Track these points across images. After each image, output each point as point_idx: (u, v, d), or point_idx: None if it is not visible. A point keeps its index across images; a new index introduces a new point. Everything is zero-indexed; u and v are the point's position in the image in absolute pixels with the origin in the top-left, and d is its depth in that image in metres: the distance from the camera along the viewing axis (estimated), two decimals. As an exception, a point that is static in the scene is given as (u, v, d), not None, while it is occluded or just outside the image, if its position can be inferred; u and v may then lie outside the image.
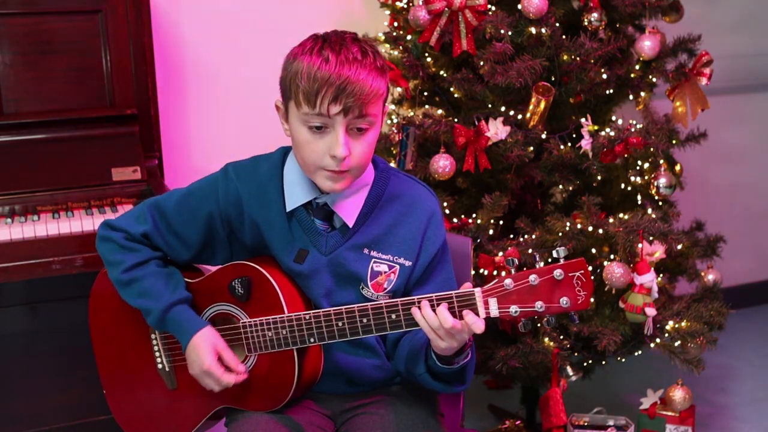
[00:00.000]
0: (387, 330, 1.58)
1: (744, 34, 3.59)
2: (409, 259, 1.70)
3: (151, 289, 1.69)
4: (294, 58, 1.59)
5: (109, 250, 1.74)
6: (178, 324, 1.68)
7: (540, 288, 1.50)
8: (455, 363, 1.60)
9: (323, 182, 1.62)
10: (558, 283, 1.50)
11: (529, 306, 1.51)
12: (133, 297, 1.71)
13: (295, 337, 1.63)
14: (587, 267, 1.50)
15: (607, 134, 2.43)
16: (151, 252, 1.73)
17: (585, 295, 1.50)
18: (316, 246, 1.69)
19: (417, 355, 1.66)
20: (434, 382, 1.65)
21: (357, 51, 1.56)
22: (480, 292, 1.52)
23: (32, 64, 2.35)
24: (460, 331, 1.51)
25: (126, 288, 1.72)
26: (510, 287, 1.51)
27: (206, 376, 1.65)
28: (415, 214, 1.71)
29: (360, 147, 1.59)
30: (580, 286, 1.50)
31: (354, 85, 1.53)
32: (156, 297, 1.68)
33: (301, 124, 1.59)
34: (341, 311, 1.60)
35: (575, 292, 1.50)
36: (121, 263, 1.71)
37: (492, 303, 1.52)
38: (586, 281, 1.50)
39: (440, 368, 1.61)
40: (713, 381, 3.16)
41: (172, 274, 1.73)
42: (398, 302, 1.57)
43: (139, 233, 1.72)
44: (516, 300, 1.51)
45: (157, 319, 1.68)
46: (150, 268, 1.71)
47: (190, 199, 1.72)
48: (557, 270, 1.49)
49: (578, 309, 1.50)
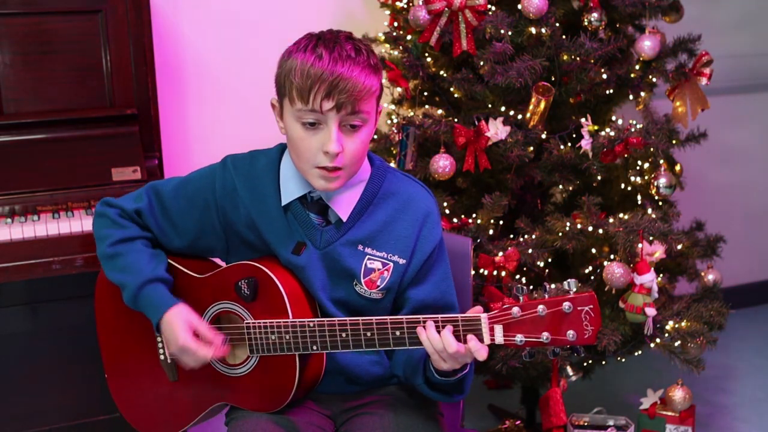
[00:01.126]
0: (390, 346, 1.58)
1: (744, 34, 3.59)
2: (404, 257, 1.70)
3: (131, 265, 1.69)
4: (289, 55, 1.61)
5: (101, 225, 1.76)
6: (151, 300, 1.67)
7: (547, 319, 1.50)
8: (453, 376, 1.60)
9: (317, 182, 1.62)
10: (566, 316, 1.49)
11: (535, 336, 1.50)
12: (114, 271, 1.72)
13: (298, 343, 1.62)
14: (597, 302, 1.50)
15: (607, 134, 2.43)
16: (140, 231, 1.74)
17: (592, 330, 1.50)
18: (311, 240, 1.69)
19: (415, 367, 1.67)
20: (432, 392, 1.66)
21: (351, 49, 1.58)
22: (486, 318, 1.52)
23: (32, 64, 2.35)
24: (464, 356, 1.52)
25: (109, 262, 1.72)
26: (517, 316, 1.50)
27: (183, 353, 1.64)
28: (411, 212, 1.71)
29: (353, 144, 1.60)
30: (588, 320, 1.49)
31: (347, 81, 1.54)
32: (135, 273, 1.68)
33: (295, 120, 1.60)
34: (345, 322, 1.60)
35: (583, 326, 1.49)
36: (109, 237, 1.72)
37: (497, 330, 1.52)
38: (595, 316, 1.49)
39: (439, 380, 1.61)
40: (713, 381, 3.16)
41: (157, 255, 1.73)
42: (404, 320, 1.57)
43: (133, 209, 1.74)
44: (522, 329, 1.51)
45: (132, 295, 1.68)
46: (136, 246, 1.72)
47: (188, 187, 1.74)
48: (566, 303, 1.49)
49: (584, 344, 1.50)
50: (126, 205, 1.75)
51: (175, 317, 1.65)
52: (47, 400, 2.46)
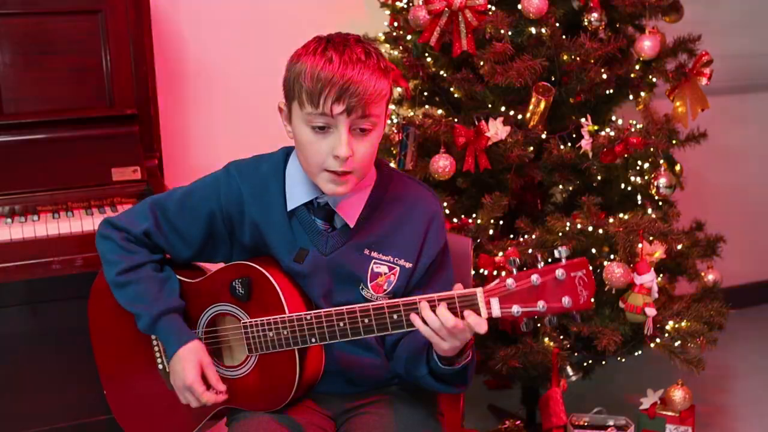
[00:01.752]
0: (389, 330, 1.58)
1: (744, 34, 3.59)
2: (410, 261, 1.70)
3: (144, 294, 1.69)
4: (297, 59, 1.59)
5: (107, 249, 1.74)
6: (167, 334, 1.68)
7: (542, 288, 1.50)
8: (457, 363, 1.60)
9: (326, 185, 1.61)
10: (560, 283, 1.49)
11: (531, 306, 1.50)
12: (126, 300, 1.71)
13: (296, 337, 1.62)
14: (589, 266, 1.50)
15: (607, 134, 2.43)
16: (149, 255, 1.73)
17: (587, 295, 1.50)
18: (316, 246, 1.69)
19: (418, 356, 1.66)
20: (436, 383, 1.65)
21: (361, 52, 1.57)
22: (482, 291, 1.52)
23: (32, 64, 2.35)
24: (462, 330, 1.51)
25: (120, 290, 1.72)
26: (512, 287, 1.51)
27: (187, 391, 1.66)
28: (417, 216, 1.71)
29: (363, 147, 1.59)
30: (582, 285, 1.50)
31: (357, 85, 1.53)
32: (148, 303, 1.68)
33: (304, 124, 1.59)
34: (342, 311, 1.59)
35: (577, 291, 1.49)
36: (118, 264, 1.71)
37: (494, 303, 1.52)
38: (588, 281, 1.50)
39: (442, 369, 1.61)
40: (713, 381, 3.16)
41: (167, 280, 1.72)
42: (400, 302, 1.56)
43: (141, 231, 1.72)
44: (518, 300, 1.51)
45: (147, 325, 1.68)
46: (145, 272, 1.71)
47: (192, 197, 1.73)
48: (559, 270, 1.49)
49: (580, 309, 1.50)
50: (131, 226, 1.73)
51: (188, 354, 1.65)
52: (47, 400, 2.46)
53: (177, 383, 1.67)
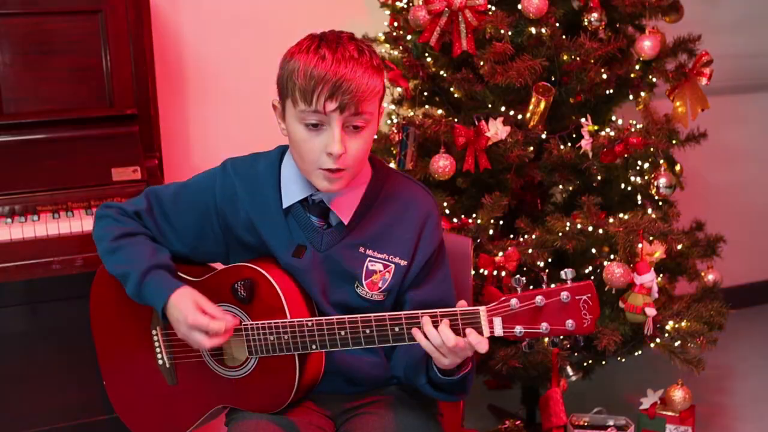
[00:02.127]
0: (389, 342, 1.58)
1: (744, 34, 3.59)
2: (405, 259, 1.70)
3: (134, 255, 1.68)
4: (291, 57, 1.60)
5: (102, 225, 1.75)
6: (155, 286, 1.65)
7: (546, 309, 1.49)
8: (456, 374, 1.60)
9: (320, 182, 1.62)
10: (564, 306, 1.49)
11: (534, 327, 1.50)
12: (116, 264, 1.70)
13: (297, 342, 1.62)
14: (595, 290, 1.50)
15: (607, 134, 2.43)
16: (142, 227, 1.74)
17: (591, 319, 1.49)
18: (312, 242, 1.69)
19: (417, 365, 1.66)
20: (435, 392, 1.66)
21: (353, 49, 1.57)
22: (485, 310, 1.52)
23: (32, 64, 2.35)
24: (463, 349, 1.51)
25: (111, 256, 1.71)
26: (515, 307, 1.50)
27: (193, 331, 1.60)
28: (412, 214, 1.71)
29: (356, 145, 1.59)
30: (587, 309, 1.49)
31: (350, 82, 1.54)
32: (138, 262, 1.66)
33: (297, 122, 1.60)
34: (344, 320, 1.59)
35: (581, 315, 1.49)
36: (111, 233, 1.71)
37: (496, 322, 1.51)
38: (593, 305, 1.49)
39: (442, 380, 1.61)
40: (713, 381, 3.16)
41: (159, 248, 1.72)
42: (402, 315, 1.56)
43: (132, 210, 1.74)
44: (521, 321, 1.50)
45: (135, 284, 1.65)
46: (138, 239, 1.71)
47: (188, 191, 1.74)
48: (564, 292, 1.49)
49: (583, 333, 1.50)
50: (125, 206, 1.76)
51: (181, 297, 1.62)
52: (47, 400, 2.46)
53: (181, 329, 1.62)
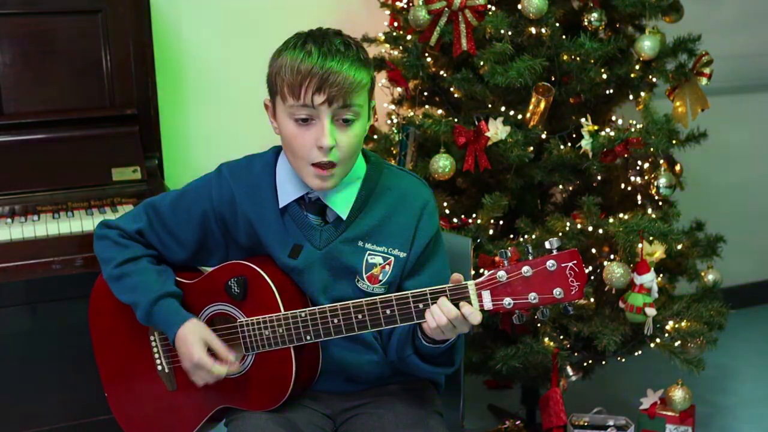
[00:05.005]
0: (382, 325, 1.59)
1: (744, 34, 3.59)
2: (403, 250, 1.70)
3: (140, 284, 1.71)
4: (278, 54, 1.63)
5: (103, 247, 1.77)
6: (165, 317, 1.69)
7: (533, 279, 1.50)
8: (441, 344, 1.60)
9: (312, 180, 1.63)
10: (551, 274, 1.50)
11: (523, 298, 1.51)
12: (124, 292, 1.73)
13: (291, 335, 1.63)
14: (580, 257, 1.51)
15: (607, 134, 2.43)
16: (144, 249, 1.75)
17: (578, 286, 1.50)
18: (310, 240, 1.70)
19: (405, 339, 1.67)
20: (422, 363, 1.66)
21: (340, 43, 1.60)
22: (474, 284, 1.53)
23: (32, 64, 2.35)
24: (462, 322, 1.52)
25: (117, 283, 1.73)
26: (503, 279, 1.51)
27: (197, 369, 1.66)
28: (408, 205, 1.72)
29: (346, 138, 1.60)
30: (573, 276, 1.50)
31: (337, 75, 1.56)
32: (145, 291, 1.70)
33: (287, 117, 1.61)
34: (336, 308, 1.60)
35: (568, 282, 1.50)
36: (114, 259, 1.73)
37: (485, 295, 1.52)
38: (579, 272, 1.50)
39: (427, 348, 1.62)
40: (713, 381, 3.16)
41: (163, 271, 1.74)
42: (392, 297, 1.57)
43: (134, 230, 1.75)
44: (509, 292, 1.51)
45: (145, 313, 1.69)
46: (142, 264, 1.73)
47: (185, 199, 1.75)
48: (550, 261, 1.50)
49: (572, 299, 1.51)
50: (125, 226, 1.76)
51: (189, 333, 1.66)
52: (47, 400, 2.46)
53: (185, 364, 1.67)
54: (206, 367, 1.64)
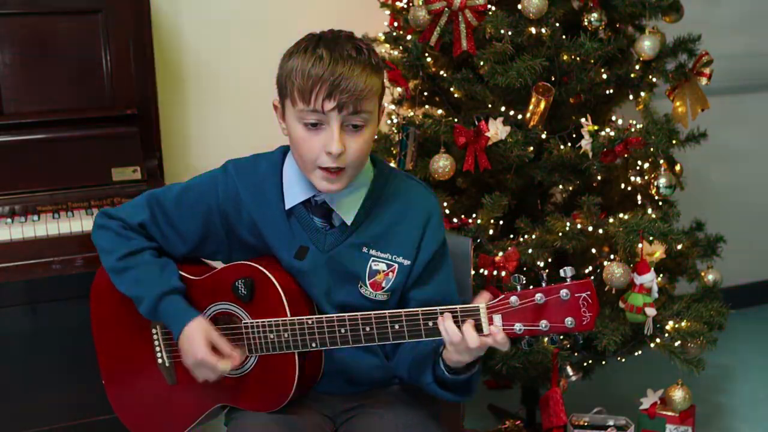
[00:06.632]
0: (389, 340, 1.59)
1: (744, 34, 3.59)
2: (408, 258, 1.70)
3: (144, 278, 1.69)
4: (289, 57, 1.61)
5: (104, 238, 1.75)
6: (170, 314, 1.68)
7: (545, 307, 1.50)
8: (464, 373, 1.60)
9: (320, 182, 1.62)
10: (564, 303, 1.49)
11: (534, 325, 1.50)
12: (126, 285, 1.71)
13: (296, 340, 1.62)
14: (594, 288, 1.50)
15: (607, 134, 2.43)
16: (146, 241, 1.74)
17: (590, 317, 1.49)
18: (315, 243, 1.69)
19: (423, 362, 1.66)
20: (441, 391, 1.65)
21: (351, 48, 1.58)
22: (485, 307, 1.52)
23: (32, 64, 2.35)
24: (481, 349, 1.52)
25: (119, 276, 1.72)
26: (516, 305, 1.51)
27: (200, 366, 1.65)
28: (415, 214, 1.71)
29: (356, 144, 1.59)
30: (586, 307, 1.49)
31: (348, 81, 1.54)
32: (149, 285, 1.68)
33: (297, 121, 1.60)
34: (344, 318, 1.60)
35: (581, 312, 1.49)
36: (116, 251, 1.72)
37: (496, 319, 1.52)
38: (592, 302, 1.49)
39: (449, 378, 1.61)
40: (713, 381, 3.16)
41: (167, 265, 1.73)
42: (402, 313, 1.57)
43: (136, 222, 1.73)
44: (521, 318, 1.51)
45: (150, 308, 1.68)
46: (144, 257, 1.72)
47: (190, 194, 1.74)
48: (564, 290, 1.49)
49: (582, 330, 1.50)
50: (127, 217, 1.74)
51: (194, 331, 1.65)
52: (47, 400, 2.46)
53: (189, 361, 1.66)
54: (210, 364, 1.63)
